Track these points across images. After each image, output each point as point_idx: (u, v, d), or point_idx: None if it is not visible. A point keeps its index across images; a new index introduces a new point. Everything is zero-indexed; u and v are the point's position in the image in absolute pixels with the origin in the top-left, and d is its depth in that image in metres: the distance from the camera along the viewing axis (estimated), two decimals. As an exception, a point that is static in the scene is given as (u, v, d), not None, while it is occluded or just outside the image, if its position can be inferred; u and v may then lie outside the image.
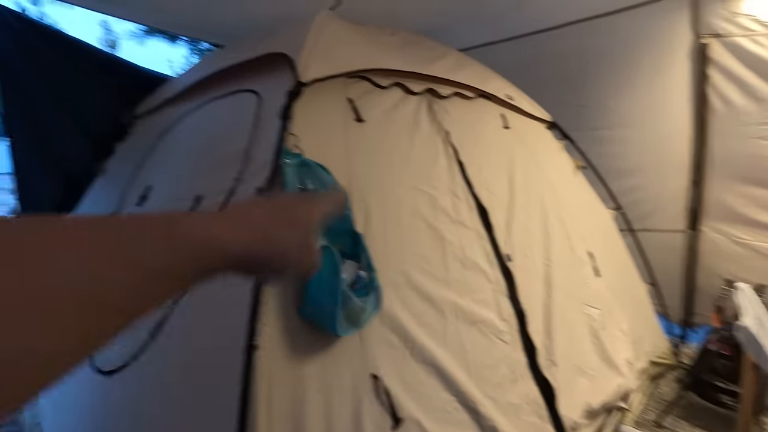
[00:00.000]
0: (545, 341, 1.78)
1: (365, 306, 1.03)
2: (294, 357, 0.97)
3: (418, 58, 1.99)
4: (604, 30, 2.54)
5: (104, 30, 13.12)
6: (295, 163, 1.09)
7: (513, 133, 2.26)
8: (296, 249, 0.37)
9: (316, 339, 1.03)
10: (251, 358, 0.88)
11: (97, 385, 1.56)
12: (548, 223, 2.11)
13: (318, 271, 0.94)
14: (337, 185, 1.15)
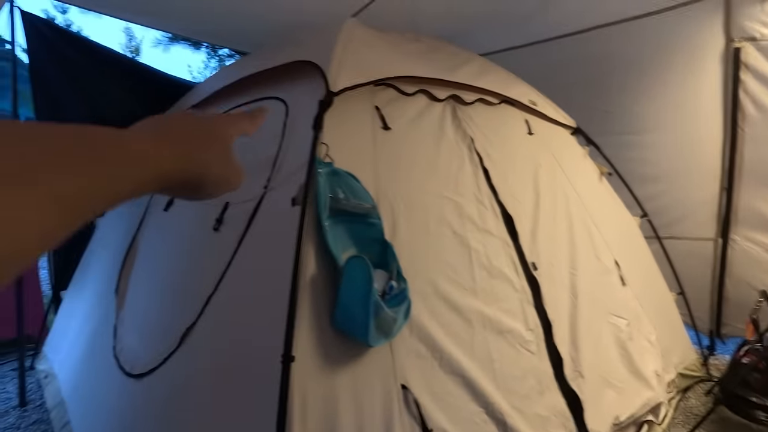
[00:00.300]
0: (571, 352, 1.75)
1: (396, 316, 1.02)
2: (326, 367, 0.97)
3: (442, 64, 1.98)
4: (632, 33, 2.49)
5: (127, 37, 13.43)
6: (327, 172, 1.10)
7: (537, 139, 2.23)
8: (219, 165, 0.38)
9: (347, 349, 1.03)
10: (288, 369, 0.88)
11: (126, 388, 1.59)
12: (573, 230, 2.07)
13: (351, 281, 0.94)
14: (370, 199, 1.15)
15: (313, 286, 1.01)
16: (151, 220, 2.08)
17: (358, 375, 1.02)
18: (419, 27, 2.53)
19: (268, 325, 1.03)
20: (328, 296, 1.03)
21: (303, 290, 0.97)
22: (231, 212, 1.52)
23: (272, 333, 0.98)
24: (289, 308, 0.93)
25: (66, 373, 2.18)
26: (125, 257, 2.08)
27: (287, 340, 0.91)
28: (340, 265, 1.03)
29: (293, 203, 1.10)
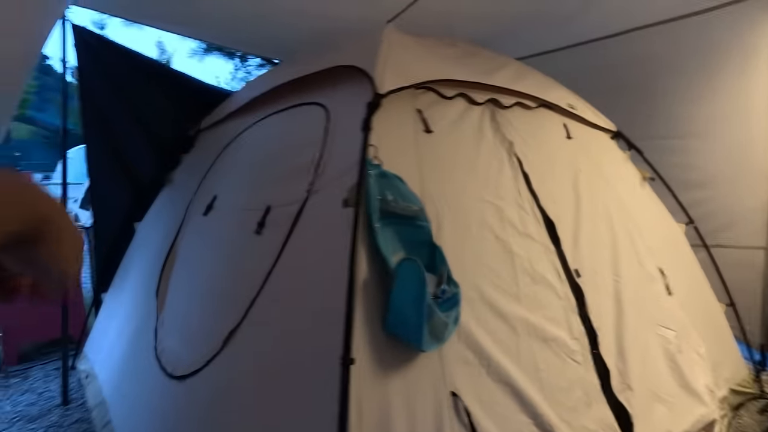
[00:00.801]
0: (618, 363, 1.68)
1: (448, 321, 1.00)
2: (380, 372, 0.96)
3: (479, 68, 1.97)
4: (677, 34, 2.41)
5: (159, 50, 14.00)
6: (376, 174, 1.09)
7: (576, 144, 2.18)
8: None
9: (398, 353, 1.01)
10: (348, 371, 0.87)
11: (168, 389, 1.61)
12: (616, 237, 2.01)
13: (403, 284, 0.93)
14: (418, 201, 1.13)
15: (365, 288, 1.00)
16: (190, 224, 2.13)
17: (409, 380, 1.00)
18: (453, 32, 2.52)
19: (320, 327, 1.03)
20: (380, 299, 1.02)
21: (357, 293, 0.96)
22: (273, 215, 1.53)
23: (326, 335, 0.98)
24: (346, 310, 0.92)
25: (106, 373, 2.23)
26: (165, 260, 2.12)
27: (346, 342, 0.89)
28: (391, 268, 1.01)
29: (345, 205, 1.09)
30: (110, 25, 5.87)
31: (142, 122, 2.58)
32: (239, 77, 9.29)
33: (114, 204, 2.62)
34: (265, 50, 3.35)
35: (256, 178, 1.83)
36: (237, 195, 1.89)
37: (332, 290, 1.04)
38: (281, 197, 1.54)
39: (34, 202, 0.36)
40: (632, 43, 2.54)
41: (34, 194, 0.37)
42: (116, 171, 2.60)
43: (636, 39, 2.52)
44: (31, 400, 2.53)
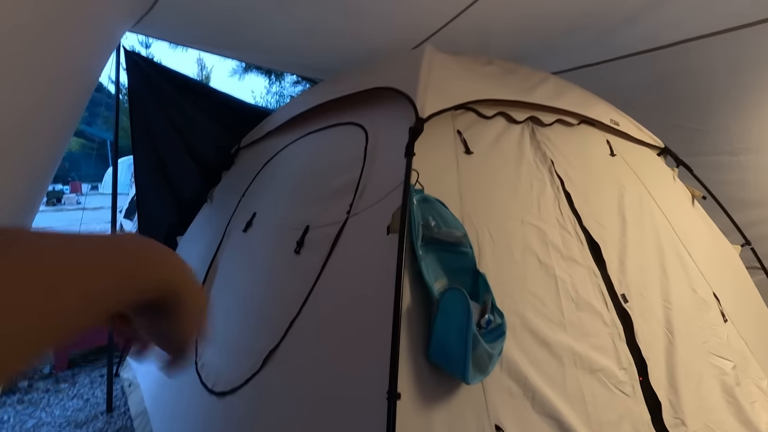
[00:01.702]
0: (670, 395, 1.58)
1: (493, 352, 0.97)
2: (424, 403, 0.94)
3: (518, 86, 1.94)
4: (730, 45, 2.27)
5: (199, 67, 14.69)
6: (419, 199, 1.08)
7: (620, 161, 2.10)
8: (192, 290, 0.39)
9: (441, 384, 0.99)
10: (394, 406, 0.85)
11: (208, 404, 1.64)
12: (665, 260, 1.90)
13: (447, 314, 0.91)
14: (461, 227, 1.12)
15: (408, 316, 0.99)
16: (230, 240, 2.18)
17: (452, 411, 0.97)
18: (489, 48, 2.51)
19: (362, 354, 1.02)
20: (423, 327, 1.00)
21: (401, 322, 0.95)
22: (312, 236, 1.55)
23: (368, 363, 0.97)
24: (392, 342, 0.91)
25: (148, 384, 2.31)
26: (206, 276, 2.19)
27: (392, 376, 0.88)
28: (434, 296, 1.00)
29: (388, 231, 1.09)
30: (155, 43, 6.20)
31: (185, 140, 2.70)
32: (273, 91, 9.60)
33: (158, 218, 2.74)
34: (303, 70, 3.45)
35: (295, 197, 1.86)
36: (276, 213, 1.93)
37: (375, 317, 1.03)
38: (320, 217, 1.56)
39: (173, 272, 0.38)
40: (681, 55, 2.43)
41: (174, 264, 0.38)
42: (161, 186, 2.72)
43: (685, 51, 2.40)
44: (79, 405, 2.64)
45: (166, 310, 0.37)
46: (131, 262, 0.33)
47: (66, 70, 1.51)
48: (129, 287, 0.33)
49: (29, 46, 0.96)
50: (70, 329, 0.27)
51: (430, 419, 0.93)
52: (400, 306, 0.94)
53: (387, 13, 2.23)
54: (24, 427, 2.44)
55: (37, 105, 1.25)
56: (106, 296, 0.30)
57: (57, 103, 1.51)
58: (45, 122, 1.47)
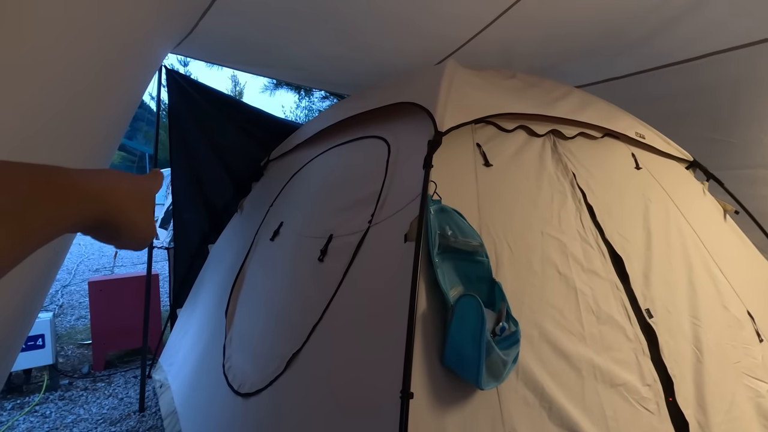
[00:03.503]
0: (698, 415, 1.53)
1: (507, 359, 0.99)
2: (437, 406, 0.96)
3: (540, 99, 1.96)
4: (764, 56, 2.22)
5: (233, 83, 15.33)
6: (436, 209, 1.12)
7: (646, 174, 2.07)
8: (143, 222, 0.44)
9: (455, 389, 1.01)
10: (407, 405, 0.89)
11: (234, 405, 1.71)
12: (693, 275, 1.86)
13: (462, 320, 0.94)
14: (477, 236, 1.15)
15: (424, 321, 1.02)
16: (258, 249, 2.28)
17: (466, 417, 0.99)
18: (513, 61, 2.54)
19: (378, 358, 1.06)
20: (438, 333, 1.03)
21: (416, 326, 0.98)
22: (335, 244, 1.61)
23: (384, 366, 1.00)
24: (407, 343, 0.94)
25: (178, 385, 2.41)
26: (234, 281, 2.28)
27: (406, 376, 0.92)
28: (449, 303, 1.03)
29: (405, 239, 1.14)
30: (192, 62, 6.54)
31: (219, 153, 2.85)
32: (303, 106, 9.89)
33: (192, 227, 2.88)
34: (331, 86, 3.59)
35: (320, 207, 1.93)
36: (302, 222, 2.01)
37: (391, 322, 1.07)
38: (343, 227, 1.62)
39: (102, 201, 0.40)
40: (710, 68, 2.37)
41: (101, 193, 0.40)
42: (196, 197, 2.87)
43: (714, 64, 2.35)
44: (113, 404, 2.78)
45: (108, 229, 0.42)
46: (58, 193, 0.37)
47: (118, 92, 1.65)
48: (59, 217, 0.36)
49: (94, 76, 1.07)
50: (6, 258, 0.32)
51: (444, 422, 0.96)
52: (415, 308, 0.98)
53: (411, 33, 2.30)
54: (64, 422, 2.58)
55: (95, 124, 1.38)
56: (34, 229, 0.34)
57: (108, 122, 1.65)
58: (99, 139, 1.61)
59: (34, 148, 0.88)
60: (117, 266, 6.83)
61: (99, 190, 0.40)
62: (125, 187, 0.44)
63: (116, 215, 0.42)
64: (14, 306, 1.21)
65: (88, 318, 4.35)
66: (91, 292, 3.27)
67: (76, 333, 4.07)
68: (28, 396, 2.86)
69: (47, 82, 0.90)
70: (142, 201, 0.46)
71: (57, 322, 4.34)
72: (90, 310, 3.28)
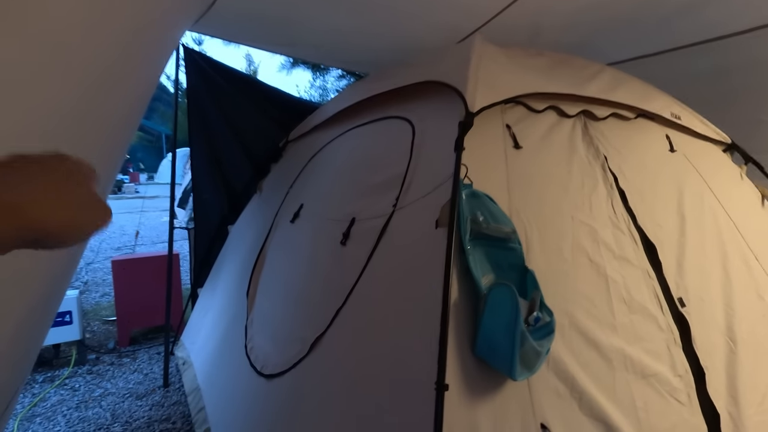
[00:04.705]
0: (730, 407, 1.49)
1: (541, 350, 0.96)
2: (469, 397, 0.94)
3: (570, 79, 1.86)
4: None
5: (247, 62, 15.23)
6: (467, 194, 1.08)
7: (681, 157, 1.98)
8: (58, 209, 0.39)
9: (486, 379, 0.99)
10: (442, 397, 0.87)
11: (257, 386, 1.73)
12: (728, 263, 1.78)
13: (495, 310, 0.91)
14: (510, 222, 1.10)
15: (455, 310, 0.99)
16: (278, 230, 2.27)
17: (497, 407, 0.98)
18: (540, 39, 2.43)
19: (406, 344, 1.04)
20: (470, 322, 1.00)
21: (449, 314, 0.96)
22: (358, 228, 1.58)
23: (413, 354, 0.99)
24: (440, 333, 0.92)
25: (201, 363, 2.46)
26: (255, 263, 2.29)
27: (440, 367, 0.90)
28: (481, 292, 1.00)
29: (437, 225, 1.10)
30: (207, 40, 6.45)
31: (238, 133, 2.82)
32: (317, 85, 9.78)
33: (212, 208, 2.89)
34: (352, 64, 3.50)
35: (342, 189, 1.90)
36: (323, 205, 1.98)
37: (421, 308, 1.05)
38: (366, 210, 1.59)
39: (38, 223, 0.37)
40: (751, 42, 2.21)
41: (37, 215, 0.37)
42: (216, 178, 2.87)
43: (753, 40, 2.19)
44: (139, 379, 2.86)
45: (42, 240, 0.39)
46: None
47: (137, 75, 1.63)
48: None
49: (112, 62, 1.05)
50: None
51: (476, 412, 0.94)
52: (449, 298, 0.95)
53: (433, 7, 2.20)
54: (92, 395, 2.68)
55: (114, 110, 1.35)
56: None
57: (128, 106, 1.63)
58: (119, 123, 1.59)
59: (55, 137, 0.87)
60: (138, 245, 6.97)
61: None
62: None
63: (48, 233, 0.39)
64: (47, 285, 1.22)
65: (111, 295, 4.47)
66: (114, 271, 3.34)
67: (101, 309, 4.19)
68: (58, 369, 2.97)
69: (67, 74, 0.88)
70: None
71: (82, 298, 4.48)
72: (114, 288, 3.36)
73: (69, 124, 0.94)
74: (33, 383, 2.80)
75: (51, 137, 0.85)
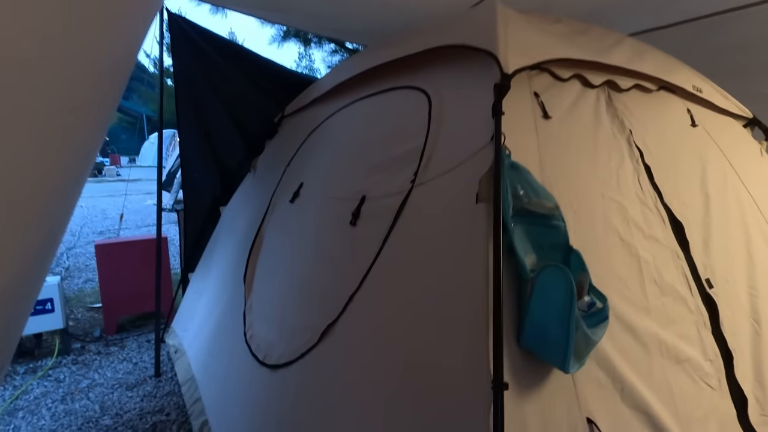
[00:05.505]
0: (756, 391, 1.44)
1: (595, 338, 0.86)
2: (517, 392, 0.85)
3: (593, 47, 1.74)
4: None
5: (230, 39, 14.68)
6: (507, 166, 0.96)
7: (702, 132, 1.89)
8: None
9: (532, 371, 0.89)
10: (501, 399, 0.77)
11: (260, 377, 1.61)
12: (751, 244, 1.72)
13: (545, 295, 0.80)
14: (552, 198, 0.99)
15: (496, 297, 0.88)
16: (276, 211, 2.13)
17: (544, 404, 0.88)
18: (552, 11, 2.28)
19: (438, 334, 0.93)
20: (513, 310, 0.90)
21: (489, 302, 0.85)
22: (369, 206, 1.46)
23: (446, 345, 0.88)
24: (494, 325, 0.81)
25: (195, 352, 2.33)
26: (252, 246, 2.15)
27: (497, 365, 0.79)
28: (527, 275, 0.89)
29: (477, 200, 0.98)
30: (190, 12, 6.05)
31: (230, 108, 2.63)
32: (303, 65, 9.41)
33: (203, 188, 2.71)
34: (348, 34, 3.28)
35: (347, 166, 1.76)
36: (326, 183, 1.85)
37: (455, 296, 0.94)
38: (378, 188, 1.46)
39: None
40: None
41: None
42: (207, 156, 2.68)
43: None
44: (128, 368, 2.72)
45: None
46: None
47: (117, 37, 1.44)
48: None
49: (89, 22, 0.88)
50: None
51: (524, 410, 0.84)
52: (500, 286, 0.84)
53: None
54: (79, 386, 2.53)
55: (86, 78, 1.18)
56: None
57: (108, 72, 1.45)
58: (99, 95, 1.41)
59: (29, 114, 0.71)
60: (122, 228, 6.71)
61: None
62: None
63: None
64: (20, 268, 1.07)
65: (95, 281, 4.27)
66: (98, 256, 3.15)
67: (85, 296, 4.00)
68: (41, 360, 2.81)
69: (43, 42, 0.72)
70: None
71: (65, 285, 4.27)
72: (98, 273, 3.18)
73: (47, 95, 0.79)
74: (14, 375, 2.64)
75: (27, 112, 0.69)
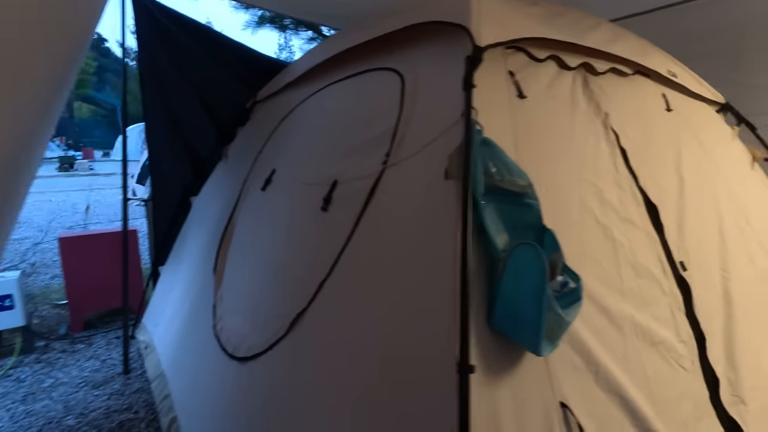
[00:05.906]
0: (728, 372, 1.45)
1: (568, 319, 0.83)
2: (487, 376, 0.81)
3: (569, 29, 1.71)
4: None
5: (207, 25, 14.30)
6: (479, 141, 0.92)
7: (677, 117, 1.90)
8: None
9: (503, 354, 0.86)
10: (467, 380, 0.72)
11: (229, 370, 1.55)
12: (723, 227, 1.74)
13: (517, 274, 0.76)
14: (526, 176, 0.95)
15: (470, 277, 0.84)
16: (248, 200, 2.05)
17: (516, 386, 0.85)
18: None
19: (409, 316, 0.89)
20: (483, 290, 0.86)
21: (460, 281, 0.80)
22: (341, 191, 1.40)
23: (417, 327, 0.84)
24: (461, 305, 0.77)
25: (165, 347, 2.24)
26: (222, 236, 2.07)
27: (463, 346, 0.75)
28: (498, 253, 0.85)
29: (446, 176, 0.93)
30: None
31: (200, 94, 2.52)
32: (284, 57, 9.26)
33: (172, 179, 2.60)
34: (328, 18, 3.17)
35: (320, 152, 1.70)
36: (298, 169, 1.78)
37: (424, 276, 0.90)
38: (350, 171, 1.40)
39: None
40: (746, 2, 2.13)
41: None
42: (175, 145, 2.56)
43: None
44: (96, 366, 2.61)
45: None
46: None
47: (68, 16, 1.34)
48: None
49: None
50: None
51: (495, 394, 0.81)
52: (467, 263, 0.80)
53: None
54: (41, 386, 2.41)
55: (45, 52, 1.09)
56: None
57: (57, 53, 1.35)
58: (52, 74, 1.32)
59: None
60: (91, 223, 6.48)
61: None
62: None
63: None
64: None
65: (62, 277, 4.10)
66: (62, 249, 3.01)
67: (51, 293, 3.83)
68: (0, 359, 2.67)
69: None
70: None
71: (30, 281, 4.08)
72: (63, 268, 3.03)
73: None
74: (-29, 375, 2.50)
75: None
